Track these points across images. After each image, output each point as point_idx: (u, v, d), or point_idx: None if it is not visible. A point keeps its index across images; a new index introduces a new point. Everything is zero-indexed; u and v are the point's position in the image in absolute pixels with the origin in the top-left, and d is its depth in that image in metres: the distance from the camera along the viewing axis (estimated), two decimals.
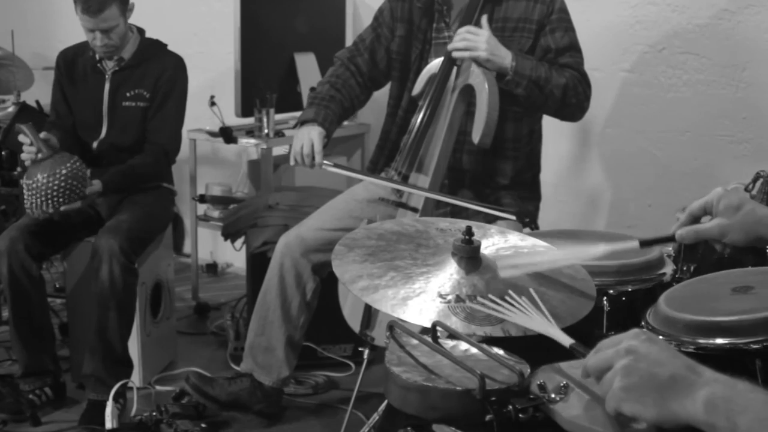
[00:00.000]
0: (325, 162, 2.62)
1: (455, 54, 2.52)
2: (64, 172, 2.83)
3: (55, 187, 2.82)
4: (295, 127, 2.80)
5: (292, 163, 2.70)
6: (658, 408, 1.00)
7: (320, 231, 2.76)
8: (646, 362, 1.03)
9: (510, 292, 1.42)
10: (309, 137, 2.64)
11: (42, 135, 2.88)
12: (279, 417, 2.98)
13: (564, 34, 2.61)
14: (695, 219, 1.51)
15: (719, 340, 1.44)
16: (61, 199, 2.84)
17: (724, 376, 0.99)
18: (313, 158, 2.62)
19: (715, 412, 0.96)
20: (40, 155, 2.85)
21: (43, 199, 2.83)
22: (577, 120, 2.76)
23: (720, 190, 1.48)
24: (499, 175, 2.71)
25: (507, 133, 2.66)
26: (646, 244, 1.55)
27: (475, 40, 2.48)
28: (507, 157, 2.70)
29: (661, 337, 1.50)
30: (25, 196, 2.87)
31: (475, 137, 2.45)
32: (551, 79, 2.53)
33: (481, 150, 2.57)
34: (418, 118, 2.58)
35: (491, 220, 2.38)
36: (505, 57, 2.49)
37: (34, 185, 2.83)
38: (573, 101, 2.60)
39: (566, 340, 1.27)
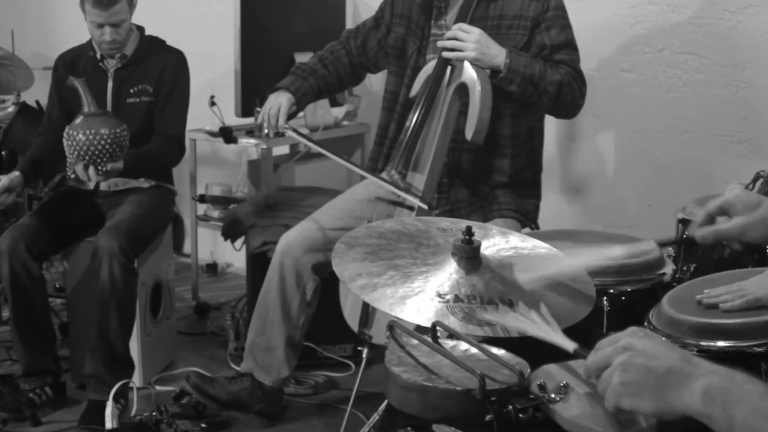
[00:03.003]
0: (286, 126, 2.74)
1: (444, 54, 2.54)
2: (105, 135, 2.85)
3: (93, 148, 2.83)
4: (271, 92, 2.88)
5: (258, 121, 2.85)
6: (656, 401, 1.01)
7: (321, 231, 2.76)
8: (643, 357, 1.04)
9: (520, 302, 1.42)
10: (278, 102, 2.77)
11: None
12: (279, 417, 2.97)
13: (560, 31, 2.61)
14: (712, 219, 1.51)
15: (723, 343, 1.44)
16: (95, 160, 2.86)
17: (722, 367, 1.00)
18: (278, 120, 2.73)
19: (712, 403, 0.96)
20: (86, 110, 2.89)
21: (77, 154, 2.85)
22: (572, 117, 2.76)
23: (737, 190, 1.49)
24: (496, 173, 2.71)
25: (504, 130, 2.67)
26: (663, 244, 1.55)
27: (464, 38, 2.50)
28: (504, 154, 2.70)
29: (664, 339, 1.50)
30: (64, 143, 2.89)
31: (468, 134, 2.46)
32: (545, 76, 2.53)
33: (479, 148, 2.58)
34: (413, 117, 2.59)
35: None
36: (498, 55, 2.49)
37: (75, 136, 2.85)
38: (568, 98, 2.59)
39: (570, 345, 1.27)
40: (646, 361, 1.04)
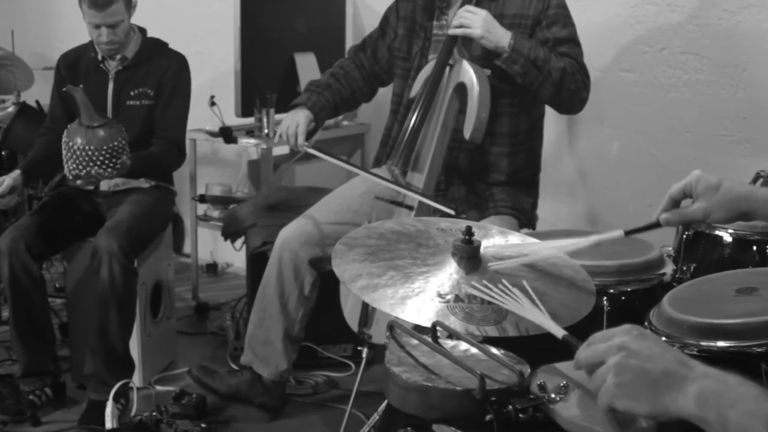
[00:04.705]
0: (306, 144, 2.71)
1: (451, 32, 2.55)
2: (105, 147, 2.84)
3: (92, 155, 2.82)
4: (288, 110, 2.86)
5: (276, 139, 2.85)
6: (650, 403, 1.01)
7: (319, 225, 2.76)
8: (638, 359, 1.04)
9: (503, 281, 1.43)
10: (295, 119, 2.75)
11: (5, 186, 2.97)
12: (280, 411, 2.98)
13: (563, 27, 2.62)
14: (675, 203, 1.54)
15: (724, 343, 1.43)
16: (93, 167, 2.84)
17: (716, 370, 1.00)
18: (297, 139, 2.71)
19: (706, 406, 0.96)
20: (86, 123, 2.87)
21: (76, 161, 2.84)
22: (576, 112, 2.75)
23: (698, 172, 1.51)
24: (494, 171, 2.71)
25: (502, 129, 2.67)
26: (630, 232, 1.56)
27: (470, 18, 2.52)
28: (502, 153, 2.70)
29: (664, 338, 1.50)
30: (63, 152, 2.88)
31: (466, 133, 2.47)
32: (549, 60, 2.54)
33: (477, 147, 2.58)
34: (413, 116, 2.60)
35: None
36: (503, 36, 2.52)
37: (73, 145, 2.84)
38: (572, 87, 2.59)
39: (558, 331, 1.27)
40: (642, 363, 1.03)
